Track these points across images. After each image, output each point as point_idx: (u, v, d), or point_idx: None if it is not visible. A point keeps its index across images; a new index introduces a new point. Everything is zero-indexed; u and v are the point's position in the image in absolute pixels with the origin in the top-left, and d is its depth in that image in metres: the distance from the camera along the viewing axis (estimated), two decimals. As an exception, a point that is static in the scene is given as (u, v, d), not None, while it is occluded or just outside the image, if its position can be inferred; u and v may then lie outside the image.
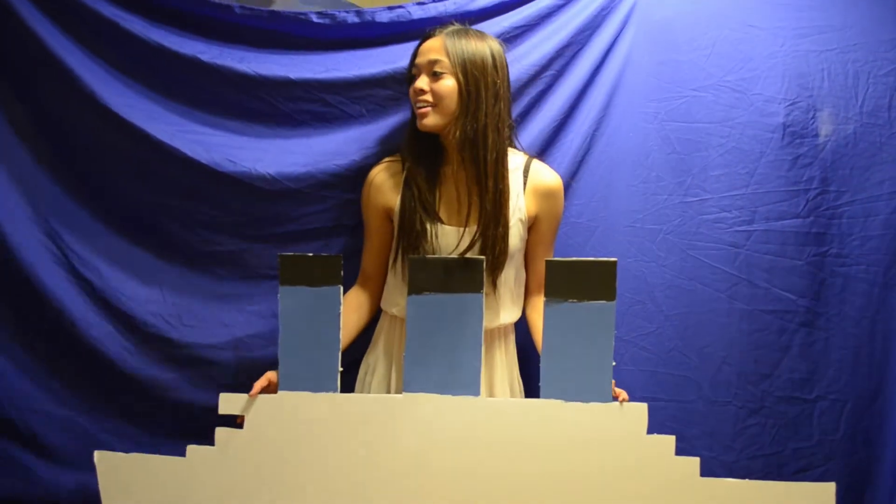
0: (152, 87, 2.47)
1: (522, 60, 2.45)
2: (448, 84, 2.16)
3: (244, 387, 2.43)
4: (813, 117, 2.50)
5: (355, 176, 2.42)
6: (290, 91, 2.43)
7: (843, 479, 2.49)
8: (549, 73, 2.48)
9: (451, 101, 2.17)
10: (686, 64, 2.53)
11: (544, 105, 2.49)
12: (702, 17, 2.54)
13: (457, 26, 2.24)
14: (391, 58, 2.45)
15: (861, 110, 2.51)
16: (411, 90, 2.21)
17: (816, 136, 2.50)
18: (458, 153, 2.21)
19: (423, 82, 2.18)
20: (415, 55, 2.24)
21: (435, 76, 2.17)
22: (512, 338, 2.40)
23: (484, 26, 2.40)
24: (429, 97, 2.17)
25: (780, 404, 2.53)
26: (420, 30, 2.36)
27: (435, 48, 2.18)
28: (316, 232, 2.49)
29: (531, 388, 2.37)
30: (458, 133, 2.17)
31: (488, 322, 2.24)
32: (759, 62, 2.52)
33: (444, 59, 2.16)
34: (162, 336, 2.49)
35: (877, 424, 2.53)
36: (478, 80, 2.17)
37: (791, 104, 2.50)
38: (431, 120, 2.19)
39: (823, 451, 2.53)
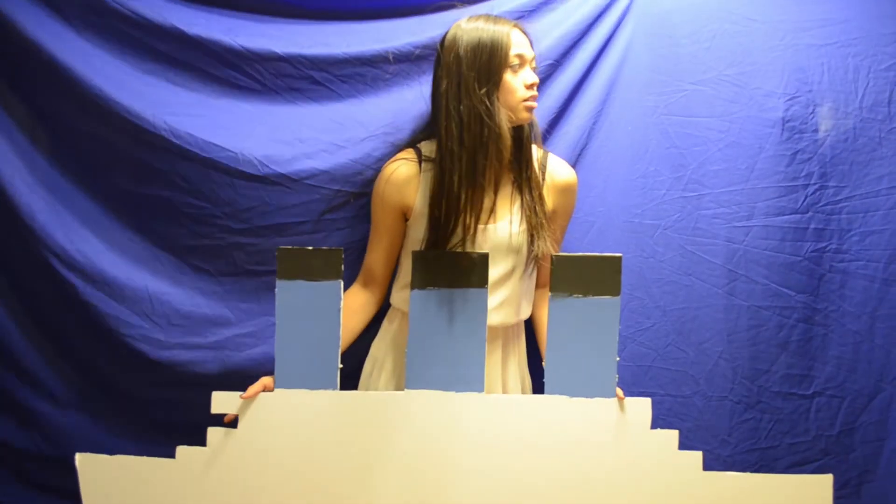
0: (132, 65, 2.40)
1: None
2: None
3: (234, 387, 2.41)
4: (812, 112, 2.49)
5: (345, 163, 2.39)
6: (278, 66, 2.38)
7: (839, 474, 2.50)
8: (547, 63, 2.45)
9: None
10: (685, 57, 2.51)
11: (541, 96, 2.42)
12: (702, 10, 2.51)
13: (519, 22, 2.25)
14: (382, 35, 2.42)
15: (861, 105, 2.50)
16: (519, 81, 2.15)
17: (816, 131, 2.49)
18: (508, 149, 2.16)
19: (534, 77, 2.17)
20: (513, 42, 2.13)
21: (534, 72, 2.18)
22: (523, 334, 2.38)
23: (482, 7, 2.40)
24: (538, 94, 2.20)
25: (776, 399, 2.52)
26: (411, 6, 2.38)
27: (529, 44, 2.19)
28: (304, 223, 2.43)
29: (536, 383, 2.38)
30: (528, 127, 2.22)
31: (510, 318, 2.25)
32: (758, 56, 2.50)
33: (534, 55, 2.20)
34: (148, 336, 2.43)
35: (876, 421, 2.53)
36: None
37: (790, 99, 2.48)
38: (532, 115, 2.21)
39: (819, 447, 2.53)
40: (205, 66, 2.38)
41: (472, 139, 2.10)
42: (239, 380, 2.39)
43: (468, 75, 2.11)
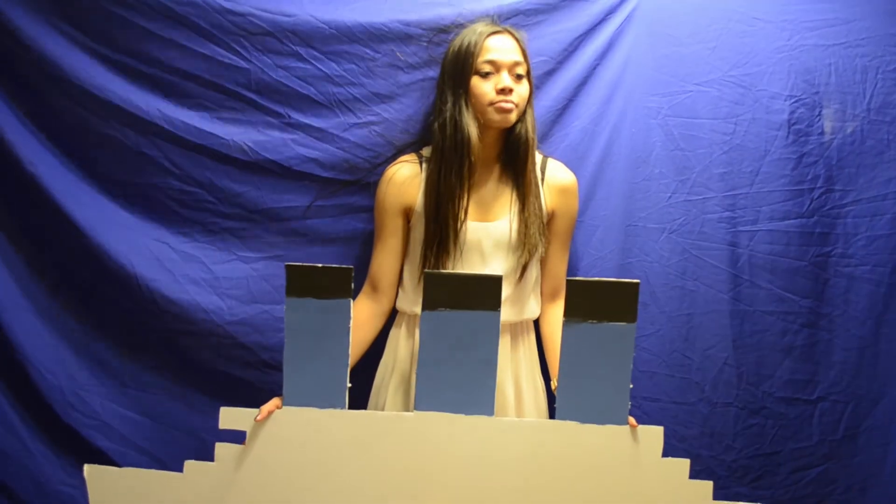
0: (117, 49, 2.38)
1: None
2: (526, 88, 2.22)
3: (228, 381, 2.41)
4: (819, 114, 2.47)
5: (334, 150, 2.40)
6: (264, 41, 2.36)
7: (843, 479, 2.52)
8: (548, 61, 2.44)
9: (525, 103, 2.23)
10: (690, 57, 2.47)
11: (543, 99, 2.44)
12: (706, 9, 2.48)
13: (511, 27, 2.27)
14: (369, 8, 2.40)
15: (868, 107, 2.47)
16: (491, 86, 2.18)
17: (822, 133, 2.47)
18: (496, 148, 2.27)
19: (510, 82, 2.17)
20: (484, 49, 2.20)
21: (518, 78, 2.20)
22: (533, 335, 2.39)
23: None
24: (515, 98, 2.18)
25: (780, 405, 2.52)
26: None
27: (514, 49, 2.21)
28: (295, 209, 2.45)
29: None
30: (525, 132, 2.23)
31: (515, 316, 2.28)
32: (764, 56, 2.47)
33: (524, 61, 2.21)
34: (140, 323, 2.44)
35: (880, 426, 2.53)
36: (532, 81, 2.25)
37: (797, 101, 2.46)
38: (513, 118, 2.20)
39: (823, 452, 2.53)
40: (191, 43, 2.35)
41: (449, 141, 2.21)
42: (230, 368, 2.45)
43: (448, 81, 2.24)
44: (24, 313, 2.44)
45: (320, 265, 1.89)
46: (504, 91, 2.16)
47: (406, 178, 2.29)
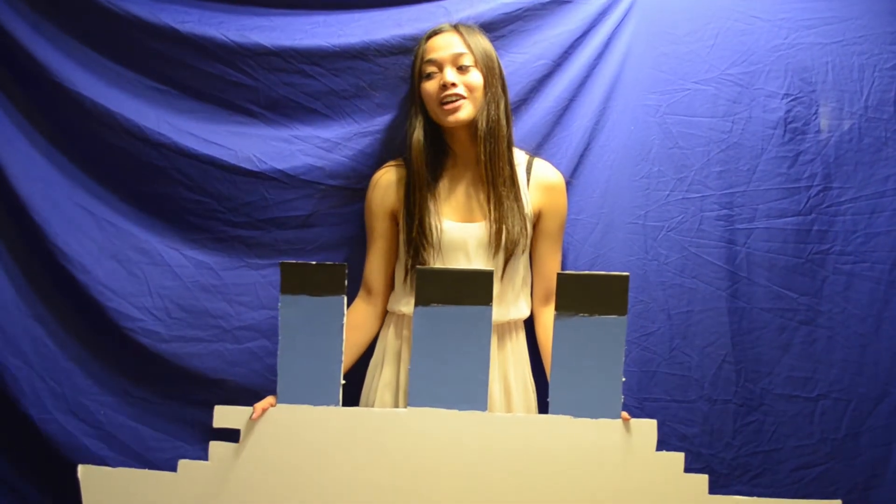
0: (129, 67, 2.44)
1: (520, 51, 2.43)
2: (477, 77, 2.19)
3: (235, 383, 2.41)
4: (816, 112, 2.46)
5: (340, 159, 2.42)
6: (269, 61, 2.40)
7: (846, 479, 2.49)
8: (547, 64, 2.44)
9: (480, 93, 2.20)
10: (688, 56, 2.47)
11: (542, 98, 2.46)
12: (704, 8, 2.48)
13: (459, 23, 2.27)
14: (369, 26, 2.42)
15: (866, 104, 2.46)
16: (435, 85, 2.20)
17: (819, 131, 2.46)
18: (474, 147, 2.24)
19: (453, 76, 2.18)
20: (425, 51, 2.24)
21: (462, 70, 2.19)
22: (522, 335, 2.38)
23: (479, 8, 2.41)
24: (462, 90, 2.18)
25: (779, 402, 2.49)
26: None
27: (456, 43, 2.21)
28: (301, 217, 2.47)
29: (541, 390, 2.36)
30: (483, 124, 2.20)
31: (501, 316, 2.26)
32: (761, 55, 2.47)
33: (469, 52, 2.20)
34: (148, 329, 2.44)
35: (883, 425, 2.50)
36: (493, 72, 2.22)
37: (794, 99, 2.45)
38: (465, 113, 2.19)
39: (825, 450, 2.50)
40: (198, 63, 2.40)
41: (406, 148, 2.27)
42: (238, 373, 2.46)
43: (411, 92, 2.30)
44: (25, 319, 2.46)
45: (314, 262, 1.90)
46: (446, 86, 2.17)
47: (391, 182, 2.31)
